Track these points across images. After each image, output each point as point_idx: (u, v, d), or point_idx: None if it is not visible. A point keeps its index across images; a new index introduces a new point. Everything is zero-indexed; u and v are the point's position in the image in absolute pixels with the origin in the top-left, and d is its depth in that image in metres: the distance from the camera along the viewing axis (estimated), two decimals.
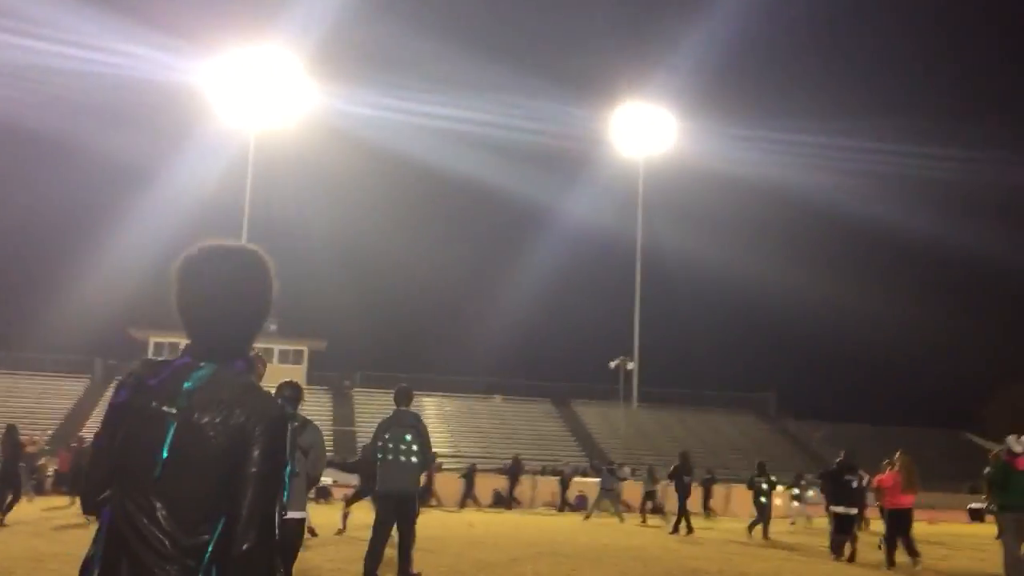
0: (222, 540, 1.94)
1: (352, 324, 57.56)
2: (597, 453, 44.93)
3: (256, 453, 1.96)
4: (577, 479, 30.84)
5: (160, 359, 2.11)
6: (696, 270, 58.29)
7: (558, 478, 30.21)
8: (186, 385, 2.01)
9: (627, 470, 27.72)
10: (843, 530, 14.12)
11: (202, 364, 2.04)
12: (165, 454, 1.96)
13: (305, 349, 52.74)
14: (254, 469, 1.95)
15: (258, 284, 2.13)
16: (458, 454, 41.89)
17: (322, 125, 48.95)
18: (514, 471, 29.20)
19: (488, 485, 30.41)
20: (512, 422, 48.43)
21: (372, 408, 48.58)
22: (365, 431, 44.82)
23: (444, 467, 41.29)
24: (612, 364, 41.94)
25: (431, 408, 49.77)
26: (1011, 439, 11.44)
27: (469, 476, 28.54)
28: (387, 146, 52.65)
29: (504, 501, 29.09)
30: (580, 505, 28.43)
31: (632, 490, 24.92)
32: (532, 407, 50.92)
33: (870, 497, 16.89)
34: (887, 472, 14.00)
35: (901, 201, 57.83)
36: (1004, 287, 65.44)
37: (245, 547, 1.91)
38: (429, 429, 9.26)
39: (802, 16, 74.56)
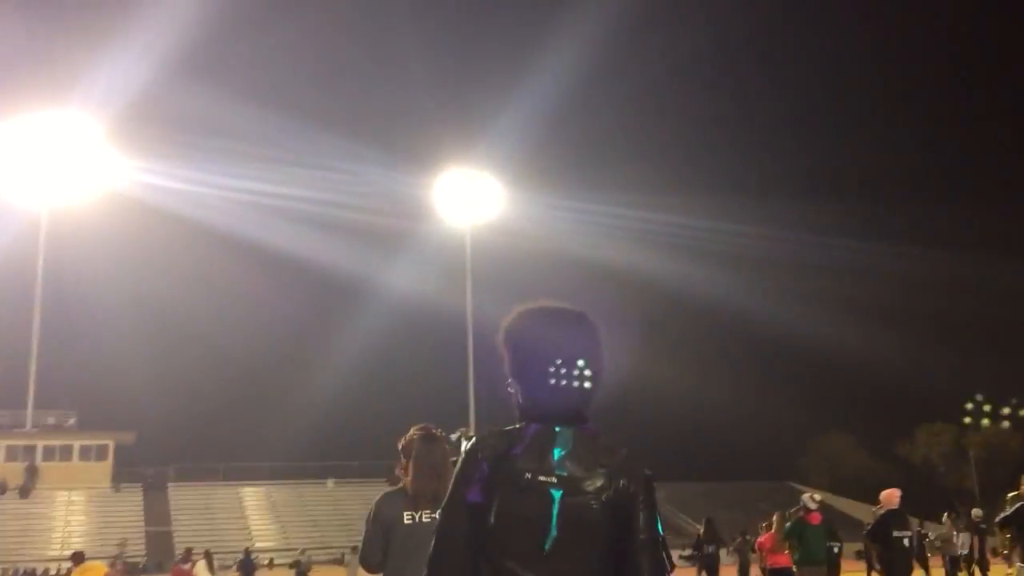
0: None
1: (163, 413, 54.08)
2: None
3: (643, 518, 1.97)
4: None
5: (507, 427, 2.06)
6: None
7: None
8: (557, 451, 1.98)
9: None
10: None
11: (557, 428, 2.01)
12: (554, 526, 1.92)
13: (110, 443, 48.81)
14: (643, 536, 1.96)
15: (605, 348, 2.12)
16: (290, 546, 39.70)
17: (127, 199, 46.25)
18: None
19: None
20: (348, 507, 46.55)
21: (190, 504, 45.50)
22: (183, 529, 41.77)
23: (275, 562, 39.01)
24: (454, 436, 41.12)
25: (255, 499, 47.20)
26: (805, 497, 12.26)
27: (300, 569, 26.65)
28: (198, 220, 50.45)
29: None
30: None
31: None
32: (369, 489, 49.20)
33: (753, 557, 17.08)
34: (763, 533, 14.14)
35: (718, 275, 61.59)
36: (807, 352, 70.60)
37: None
38: (255, 521, 8.11)
39: (628, 91, 78.61)
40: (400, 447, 4.46)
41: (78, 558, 12.69)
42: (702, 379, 61.54)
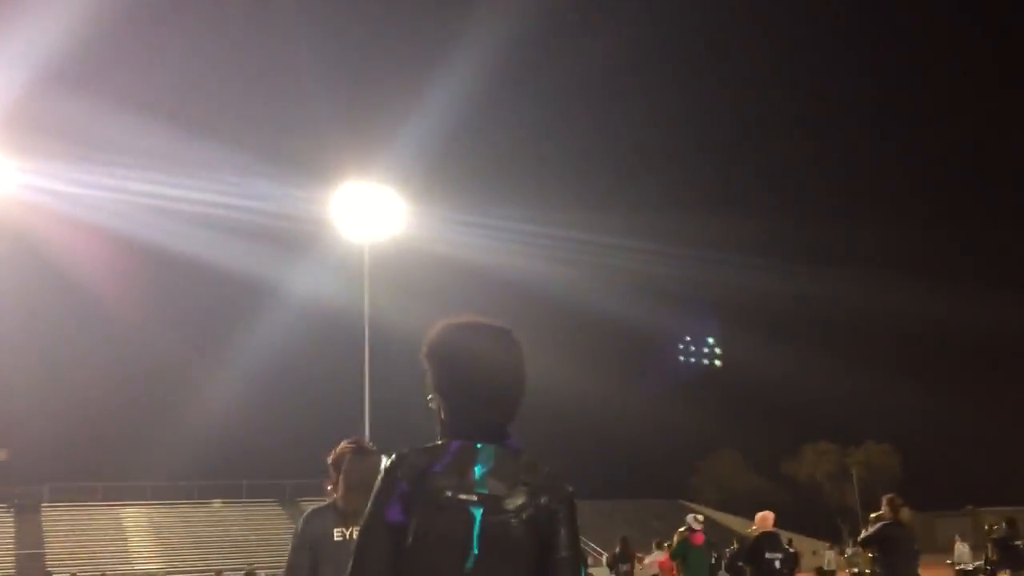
0: None
1: (38, 429, 51.42)
2: None
3: (564, 536, 1.97)
4: None
5: (429, 444, 2.03)
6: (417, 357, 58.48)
7: None
8: (478, 468, 1.96)
9: None
10: None
11: (477, 445, 2.00)
12: (475, 545, 1.89)
13: None
14: (564, 553, 1.96)
15: (524, 365, 2.13)
16: (174, 570, 38.27)
17: (6, 202, 43.97)
18: None
19: None
20: (236, 528, 45.21)
21: (65, 526, 43.44)
22: (57, 552, 39.79)
23: None
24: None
25: (136, 520, 45.43)
26: (690, 518, 12.77)
27: None
28: (79, 223, 48.32)
29: None
30: None
31: None
32: (257, 509, 47.98)
33: None
34: (662, 554, 14.33)
35: (613, 291, 62.60)
36: (708, 373, 72.26)
37: None
38: (135, 543, 7.74)
39: (529, 108, 79.05)
40: (330, 461, 4.33)
41: None
42: (596, 395, 62.41)
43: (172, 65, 67.14)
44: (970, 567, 25.01)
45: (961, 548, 27.76)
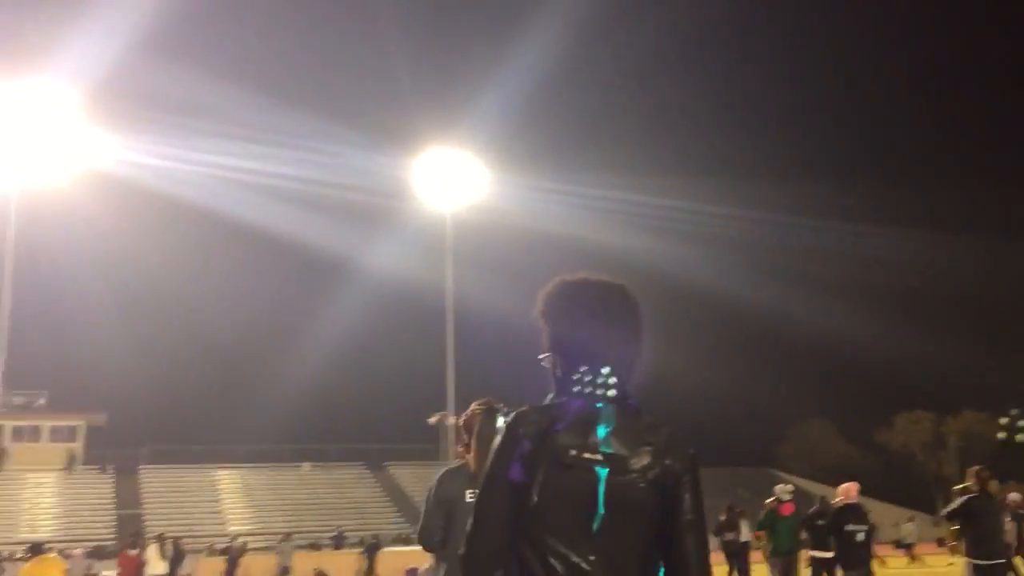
0: None
1: (136, 393, 53.58)
2: (418, 518, 43.78)
3: (688, 498, 1.95)
4: (392, 548, 29.35)
5: (547, 402, 2.02)
6: (507, 322, 58.69)
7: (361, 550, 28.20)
8: (601, 428, 1.94)
9: None
10: None
11: (599, 404, 1.97)
12: (602, 505, 1.89)
13: (81, 424, 48.29)
14: (690, 516, 1.95)
15: (642, 321, 2.11)
16: (266, 530, 39.44)
17: (101, 176, 45.51)
18: (372, 547, 27.25)
19: (306, 563, 28.42)
20: (323, 491, 46.35)
21: (162, 488, 45.19)
22: (154, 514, 41.46)
23: (250, 546, 38.76)
24: (432, 420, 40.99)
25: (230, 482, 46.92)
26: (778, 488, 12.76)
27: (231, 555, 25.70)
28: (173, 198, 49.75)
29: None
30: None
31: None
32: (343, 473, 49.09)
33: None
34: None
35: (701, 258, 61.57)
36: (789, 337, 70.74)
37: None
38: (228, 505, 7.92)
39: (612, 72, 78.21)
40: (461, 423, 4.38)
41: (36, 549, 12.29)
42: (683, 364, 61.74)
43: (259, 35, 68.25)
44: None
45: None
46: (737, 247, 65.02)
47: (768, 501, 12.95)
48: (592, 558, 1.86)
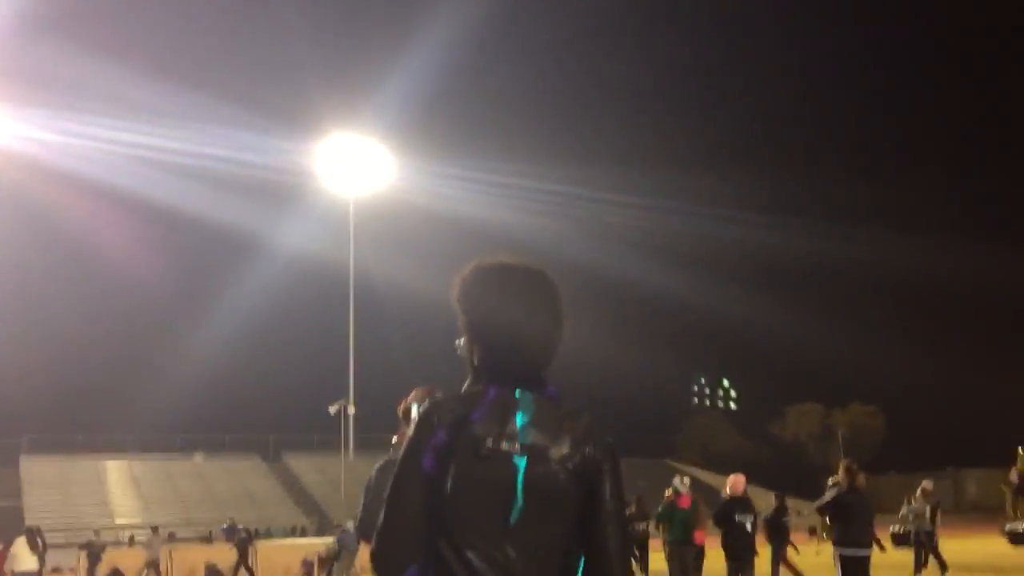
0: None
1: (16, 379, 51.10)
2: (315, 509, 43.14)
3: (607, 488, 1.92)
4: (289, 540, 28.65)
5: (463, 391, 1.96)
6: (410, 309, 58.40)
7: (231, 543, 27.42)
8: (519, 417, 1.87)
9: (350, 525, 26.13)
10: None
11: (516, 392, 1.90)
12: (520, 498, 1.82)
13: None
14: (610, 506, 1.91)
15: (562, 306, 2.05)
16: (153, 523, 38.28)
17: None
18: (244, 541, 26.52)
19: (189, 558, 27.55)
20: (217, 482, 45.23)
21: (44, 477, 43.36)
22: (35, 505, 39.75)
23: (136, 539, 37.60)
24: (332, 409, 40.37)
25: (117, 473, 45.36)
26: (676, 481, 13.09)
27: (92, 551, 24.59)
28: (68, 174, 47.63)
29: None
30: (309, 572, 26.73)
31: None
32: (238, 464, 48.02)
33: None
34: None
35: (606, 247, 62.43)
36: (687, 326, 72.30)
37: None
38: (116, 496, 7.64)
39: (518, 59, 78.21)
40: (400, 411, 4.15)
41: None
42: (581, 352, 62.45)
43: (157, 14, 65.82)
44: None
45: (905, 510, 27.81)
46: (639, 235, 66.13)
47: (667, 493, 13.22)
48: (511, 552, 1.81)
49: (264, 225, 55.28)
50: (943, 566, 15.10)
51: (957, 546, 20.04)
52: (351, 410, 42.06)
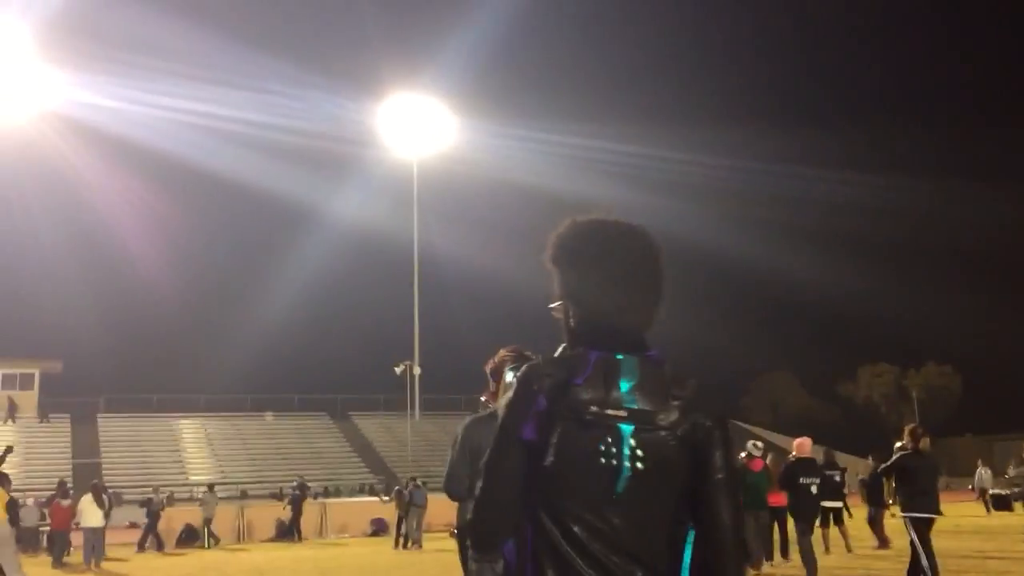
0: (697, 554, 1.81)
1: (92, 341, 52.90)
2: (382, 468, 43.87)
3: (719, 457, 1.82)
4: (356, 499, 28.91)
5: (563, 354, 1.86)
6: (473, 272, 58.56)
7: (284, 501, 28.01)
8: (624, 382, 1.77)
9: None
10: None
11: (618, 356, 1.80)
12: (627, 464, 1.75)
13: (36, 372, 47.62)
14: (720, 476, 1.82)
15: (664, 265, 1.97)
16: (227, 480, 39.35)
17: (57, 116, 44.32)
18: (297, 498, 27.22)
19: (265, 515, 28.30)
20: (287, 441, 46.26)
21: (120, 436, 44.83)
22: (112, 462, 41.16)
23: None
24: (398, 370, 40.84)
25: (190, 432, 46.66)
26: (750, 444, 12.99)
27: (151, 508, 24.68)
28: (132, 141, 48.68)
29: (288, 533, 27.11)
30: (380, 529, 27.25)
31: (436, 505, 23.63)
32: (307, 423, 49.01)
33: None
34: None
35: (667, 205, 61.56)
36: (751, 288, 71.15)
37: (733, 563, 1.81)
38: (189, 455, 7.85)
39: (580, 19, 77.19)
40: (489, 370, 4.29)
41: None
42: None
43: None
44: (993, 491, 24.75)
45: (983, 473, 27.26)
46: (703, 195, 65.30)
47: (740, 456, 13.12)
48: (616, 521, 1.75)
49: (327, 190, 55.92)
50: None
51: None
52: (416, 371, 42.48)
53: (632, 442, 1.75)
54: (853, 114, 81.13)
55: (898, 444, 9.53)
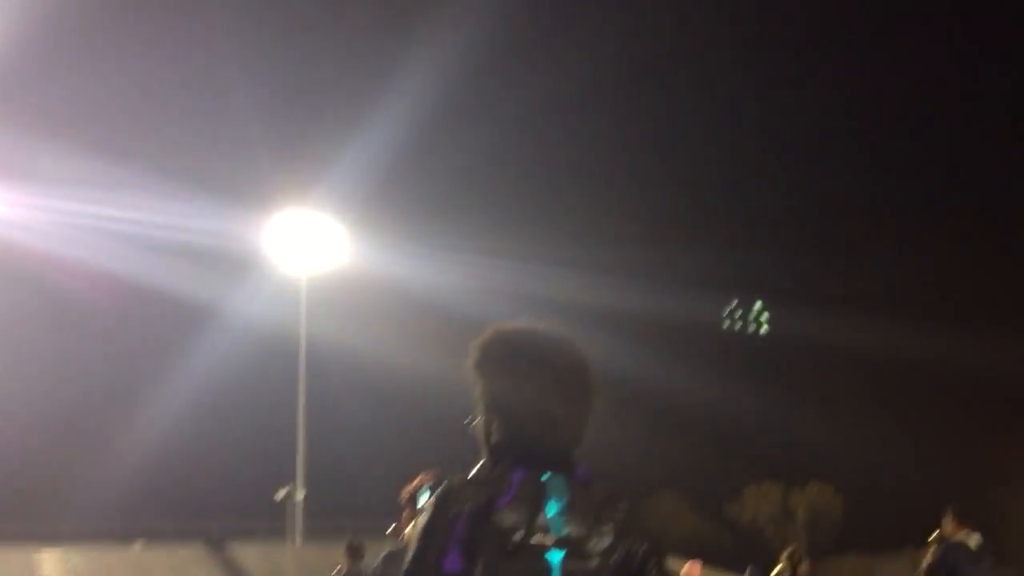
0: None
1: None
2: None
3: None
4: None
5: (483, 474, 1.74)
6: (364, 393, 57.84)
7: None
8: (552, 505, 1.66)
9: None
10: None
11: (544, 476, 1.70)
12: None
13: None
14: None
15: (593, 375, 1.88)
16: None
17: None
18: None
19: None
20: (159, 574, 43.70)
21: None
22: None
23: None
24: (279, 495, 39.47)
25: (53, 565, 43.54)
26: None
27: None
28: None
29: None
30: None
31: None
32: (180, 553, 46.44)
33: None
34: None
35: (561, 320, 62.50)
36: (642, 407, 72.53)
37: None
38: None
39: (468, 130, 79.17)
40: (405, 496, 4.17)
41: None
42: None
43: (92, 86, 65.66)
44: None
45: None
46: (597, 312, 66.59)
47: None
48: None
49: (211, 304, 54.72)
50: None
51: None
52: (300, 495, 41.16)
53: (561, 573, 1.63)
54: (742, 237, 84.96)
55: (776, 570, 9.60)
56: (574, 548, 1.66)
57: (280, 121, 78.43)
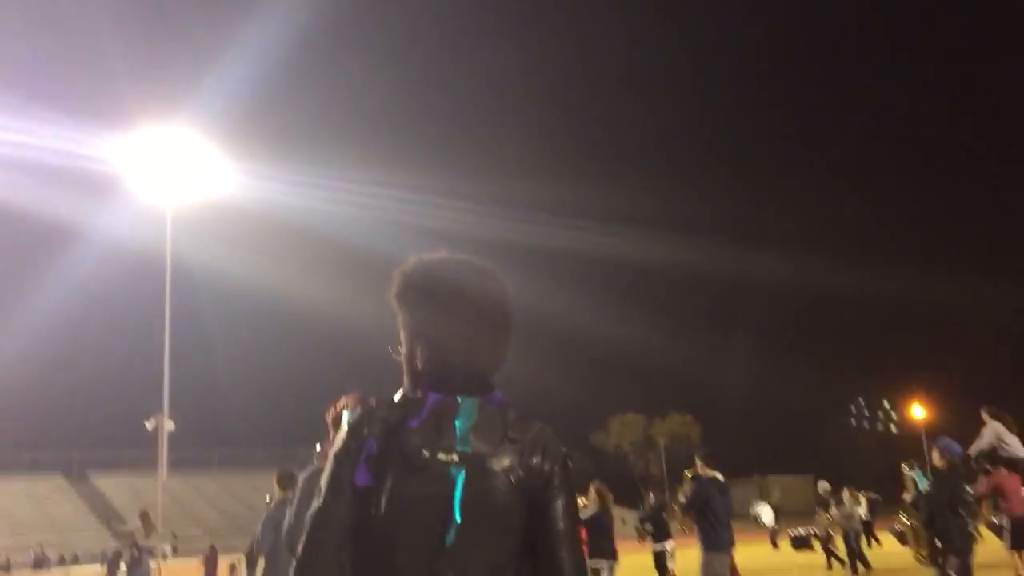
0: None
1: None
2: (125, 533, 41.76)
3: (560, 504, 1.74)
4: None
5: (401, 397, 1.78)
6: (233, 320, 57.46)
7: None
8: (459, 424, 1.70)
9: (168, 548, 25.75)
10: None
11: (459, 398, 1.74)
12: (458, 513, 1.64)
13: None
14: (561, 524, 1.73)
15: (512, 306, 1.90)
16: None
17: None
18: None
19: None
20: (15, 506, 42.90)
21: None
22: None
23: None
24: (149, 425, 38.95)
25: None
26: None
27: None
28: None
29: None
30: None
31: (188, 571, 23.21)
32: (38, 484, 45.63)
33: None
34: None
35: (435, 248, 63.32)
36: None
37: None
38: None
39: (339, 59, 77.53)
40: (330, 419, 4.15)
41: None
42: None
43: None
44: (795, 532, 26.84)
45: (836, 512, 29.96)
46: (471, 240, 67.73)
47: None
48: (447, 574, 1.63)
49: (74, 230, 52.85)
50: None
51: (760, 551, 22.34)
52: (169, 425, 40.90)
53: (463, 489, 1.67)
54: (615, 170, 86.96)
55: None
56: (477, 464, 1.68)
57: (144, 35, 74.97)
